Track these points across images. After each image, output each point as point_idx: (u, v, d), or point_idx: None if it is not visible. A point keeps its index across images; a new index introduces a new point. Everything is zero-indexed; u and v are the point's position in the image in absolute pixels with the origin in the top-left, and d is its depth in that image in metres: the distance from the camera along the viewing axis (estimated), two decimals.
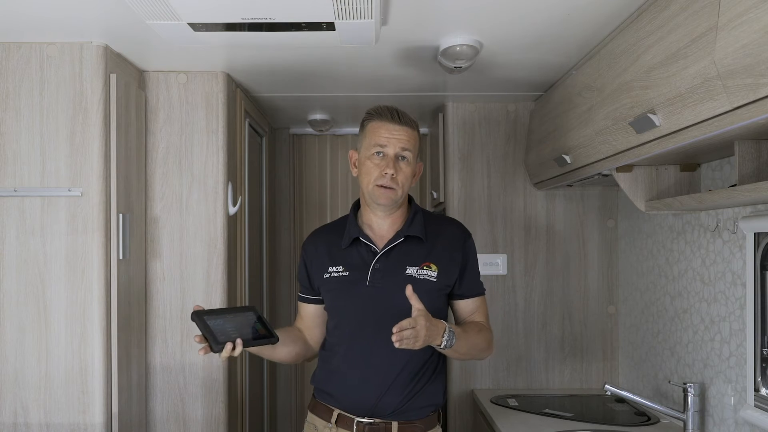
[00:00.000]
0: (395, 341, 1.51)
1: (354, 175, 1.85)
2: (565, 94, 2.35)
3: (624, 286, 2.82)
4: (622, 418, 2.43)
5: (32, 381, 2.07)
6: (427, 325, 1.55)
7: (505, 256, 2.92)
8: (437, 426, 1.82)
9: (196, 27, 1.82)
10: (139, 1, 1.62)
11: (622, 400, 2.59)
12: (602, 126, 1.92)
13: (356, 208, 1.88)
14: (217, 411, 2.43)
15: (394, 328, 1.51)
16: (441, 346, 1.63)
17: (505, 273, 2.91)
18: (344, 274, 1.79)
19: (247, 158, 2.87)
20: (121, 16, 1.83)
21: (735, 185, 1.52)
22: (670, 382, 2.26)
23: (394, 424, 1.74)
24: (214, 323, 1.61)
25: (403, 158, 1.76)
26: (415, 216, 1.83)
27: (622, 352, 2.85)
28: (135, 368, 2.30)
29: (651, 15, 1.62)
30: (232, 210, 2.51)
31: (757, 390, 1.75)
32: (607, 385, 2.17)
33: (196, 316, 1.60)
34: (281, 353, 1.82)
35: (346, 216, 1.88)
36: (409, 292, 1.58)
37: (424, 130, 3.57)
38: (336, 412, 1.78)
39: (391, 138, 1.74)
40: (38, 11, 1.83)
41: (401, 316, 1.55)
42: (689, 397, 2.04)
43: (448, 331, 1.62)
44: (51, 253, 2.07)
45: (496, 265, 2.91)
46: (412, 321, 1.53)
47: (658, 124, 1.58)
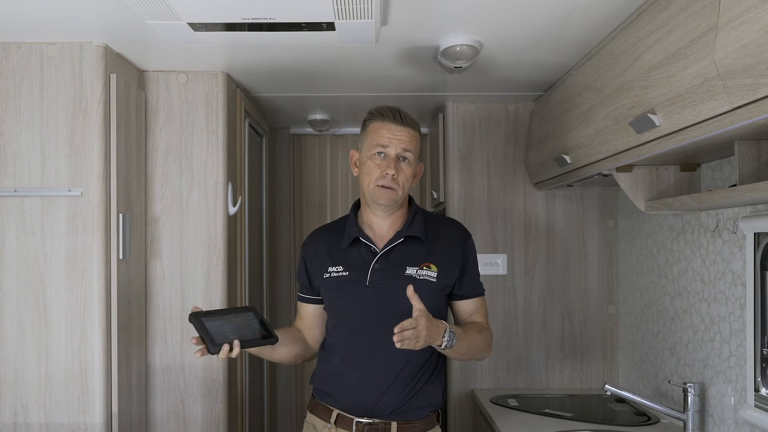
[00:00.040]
0: (396, 341, 1.51)
1: (355, 175, 1.85)
2: (565, 94, 2.35)
3: (624, 286, 2.82)
4: (622, 418, 2.43)
5: (32, 381, 2.07)
6: (428, 326, 1.55)
7: (505, 256, 2.92)
8: (436, 426, 1.82)
9: (196, 27, 1.82)
10: (139, 1, 1.62)
11: (622, 400, 2.59)
12: (602, 126, 1.92)
13: (356, 208, 1.88)
14: (217, 411, 2.43)
15: (396, 329, 1.50)
16: (441, 347, 1.63)
17: (505, 273, 2.91)
18: (344, 274, 1.79)
19: (247, 158, 2.87)
20: (121, 16, 1.83)
21: (735, 185, 1.52)
22: (670, 382, 2.26)
23: (394, 425, 1.74)
24: (212, 324, 1.61)
25: (404, 159, 1.76)
26: (415, 216, 1.82)
27: (622, 352, 2.85)
28: (135, 368, 2.30)
29: (651, 15, 1.62)
30: (232, 210, 2.51)
31: (757, 390, 1.75)
32: (607, 385, 2.17)
33: (194, 318, 1.60)
34: (281, 354, 1.82)
35: (346, 216, 1.88)
36: (410, 292, 1.58)
37: (424, 130, 3.57)
38: (335, 413, 1.78)
39: (392, 138, 1.74)
40: (38, 11, 1.83)
41: (401, 317, 1.55)
42: (689, 397, 2.04)
43: (449, 331, 1.62)
44: (51, 253, 2.07)
45: (496, 265, 2.91)
46: (414, 321, 1.53)
47: (658, 124, 1.58)
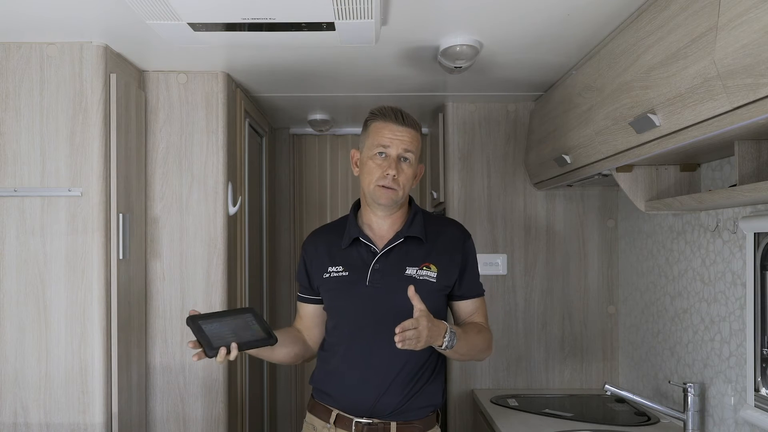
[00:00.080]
0: (397, 341, 1.50)
1: (355, 175, 1.85)
2: (565, 94, 2.35)
3: (624, 286, 2.82)
4: (622, 418, 2.43)
5: (32, 381, 2.07)
6: (429, 326, 1.55)
7: (505, 256, 2.92)
8: (436, 426, 1.82)
9: (196, 27, 1.82)
10: (139, 1, 1.62)
11: (622, 400, 2.59)
12: (602, 126, 1.92)
13: (356, 208, 1.88)
14: (217, 411, 2.43)
15: (397, 329, 1.50)
16: (442, 347, 1.63)
17: (505, 273, 2.91)
18: (344, 274, 1.79)
19: (247, 158, 2.87)
20: (121, 16, 1.83)
21: (735, 185, 1.52)
22: (670, 382, 2.26)
23: (393, 425, 1.74)
24: (210, 327, 1.59)
25: (405, 159, 1.76)
26: (415, 217, 1.82)
27: (622, 352, 2.85)
28: (135, 368, 2.30)
29: (651, 15, 1.62)
30: (232, 210, 2.51)
31: (757, 390, 1.75)
32: (607, 385, 2.17)
33: (191, 321, 1.59)
34: (280, 354, 1.81)
35: (346, 216, 1.88)
36: (411, 292, 1.58)
37: (425, 130, 3.57)
38: (335, 413, 1.78)
39: (394, 139, 1.74)
40: (38, 11, 1.83)
41: (401, 317, 1.55)
42: (689, 397, 2.04)
43: (450, 331, 1.62)
44: (51, 253, 2.07)
45: (496, 265, 2.91)
46: (415, 321, 1.53)
47: (658, 124, 1.58)
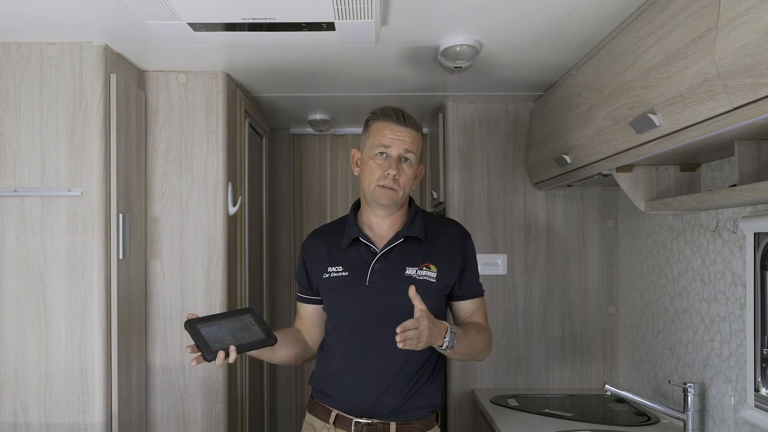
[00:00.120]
0: (398, 341, 1.50)
1: (356, 174, 1.85)
2: (565, 94, 2.35)
3: (624, 286, 2.82)
4: (622, 418, 2.43)
5: (32, 381, 2.07)
6: (430, 326, 1.55)
7: (505, 256, 2.92)
8: (435, 426, 1.82)
9: (196, 27, 1.82)
10: (139, 1, 1.62)
11: (622, 400, 2.59)
12: (602, 126, 1.92)
13: (356, 208, 1.88)
14: (217, 411, 2.43)
15: (398, 329, 1.50)
16: (443, 347, 1.63)
17: (505, 273, 2.91)
18: (344, 274, 1.78)
19: (247, 158, 2.87)
20: (121, 16, 1.83)
21: (735, 185, 1.52)
22: (670, 382, 2.26)
23: (392, 425, 1.74)
24: (208, 331, 1.59)
25: (406, 160, 1.76)
26: (415, 217, 1.82)
27: (622, 352, 2.85)
28: (135, 368, 2.30)
29: (651, 15, 1.62)
30: (232, 210, 2.51)
31: (757, 390, 1.75)
32: (607, 385, 2.16)
33: (189, 325, 1.58)
34: (280, 355, 1.81)
35: (346, 216, 1.88)
36: (412, 292, 1.58)
37: (425, 130, 3.57)
38: (334, 413, 1.77)
39: (395, 139, 1.74)
40: (38, 11, 1.83)
41: (400, 317, 1.55)
42: (689, 397, 2.04)
43: (450, 332, 1.62)
44: (51, 253, 2.07)
45: (496, 265, 2.91)
46: (416, 321, 1.53)
47: (658, 124, 1.58)
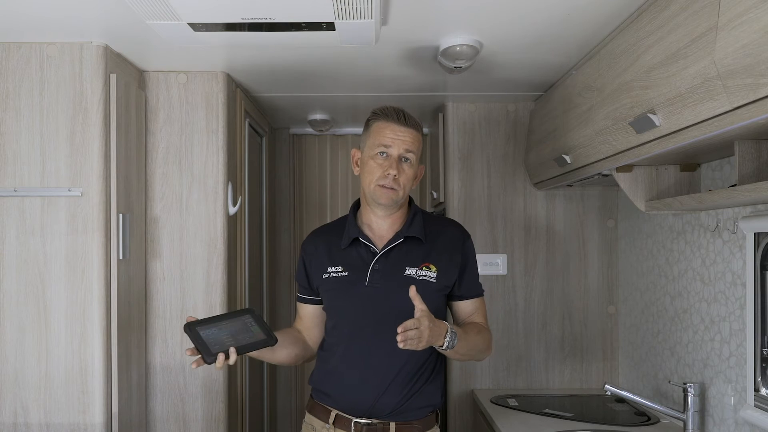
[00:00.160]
0: (399, 341, 1.50)
1: (356, 174, 1.85)
2: (565, 94, 2.35)
3: (624, 286, 2.82)
4: (622, 418, 2.43)
5: (32, 381, 2.07)
6: (431, 326, 1.55)
7: (505, 256, 2.92)
8: (435, 426, 1.82)
9: (196, 27, 1.82)
10: (139, 1, 1.62)
11: (622, 400, 2.59)
12: (602, 126, 1.92)
13: (355, 208, 1.88)
14: (217, 411, 2.43)
15: (399, 328, 1.50)
16: (443, 347, 1.63)
17: (505, 273, 2.91)
18: (343, 274, 1.78)
19: (247, 158, 2.87)
20: (121, 16, 1.83)
21: (735, 185, 1.52)
22: (670, 382, 2.26)
23: (392, 425, 1.74)
24: (207, 333, 1.59)
25: (406, 160, 1.75)
26: (414, 217, 1.82)
27: (622, 352, 2.85)
28: (135, 368, 2.30)
29: (651, 15, 1.62)
30: (232, 210, 2.51)
31: (757, 390, 1.75)
32: (607, 385, 2.17)
33: (188, 328, 1.58)
34: (281, 355, 1.81)
35: (346, 216, 1.87)
36: (413, 293, 1.58)
37: (425, 130, 3.57)
38: (334, 413, 1.77)
39: (395, 139, 1.74)
40: (38, 11, 1.83)
41: (400, 317, 1.55)
42: (689, 397, 2.04)
43: (450, 332, 1.62)
44: (51, 253, 2.07)
45: (496, 265, 2.91)
46: (416, 321, 1.53)
47: (658, 124, 1.58)
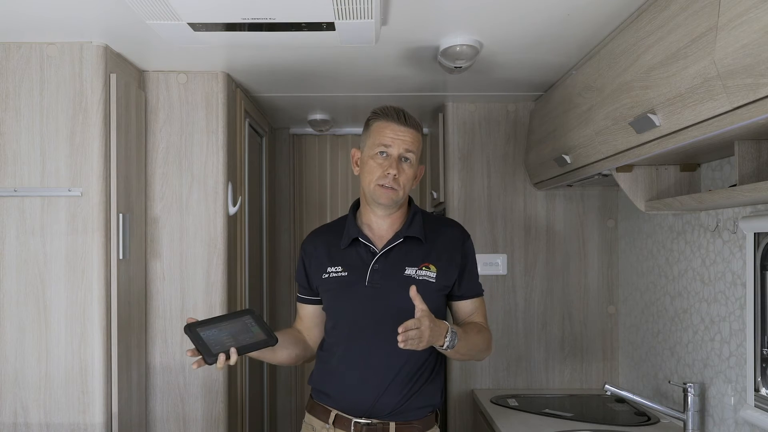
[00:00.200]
0: (400, 341, 1.50)
1: (356, 174, 1.85)
2: (565, 94, 2.35)
3: (624, 286, 2.82)
4: (622, 418, 2.43)
5: (32, 381, 2.07)
6: (431, 326, 1.55)
7: (505, 256, 2.92)
8: (435, 426, 1.82)
9: (196, 27, 1.82)
10: (139, 1, 1.62)
11: (622, 400, 2.59)
12: (602, 126, 1.92)
13: (355, 208, 1.88)
14: (217, 411, 2.43)
15: (400, 328, 1.50)
16: (443, 347, 1.63)
17: (505, 273, 2.91)
18: (343, 274, 1.78)
19: (247, 158, 2.87)
20: (121, 16, 1.83)
21: (735, 185, 1.52)
22: (670, 382, 2.26)
23: (392, 425, 1.74)
24: (208, 334, 1.59)
25: (406, 159, 1.75)
26: (414, 217, 1.82)
27: (622, 352, 2.85)
28: (135, 368, 2.30)
29: (651, 15, 1.62)
30: (232, 210, 2.51)
31: (757, 390, 1.75)
32: (607, 385, 2.17)
33: (188, 329, 1.59)
34: (281, 356, 1.81)
35: (345, 216, 1.87)
36: (413, 292, 1.58)
37: (425, 130, 3.57)
38: (333, 413, 1.77)
39: (395, 139, 1.74)
40: (38, 11, 1.83)
41: (400, 317, 1.55)
42: (689, 397, 2.04)
43: (451, 331, 1.62)
44: (51, 253, 2.07)
45: (496, 265, 2.91)
46: (417, 321, 1.53)
47: (658, 124, 1.58)
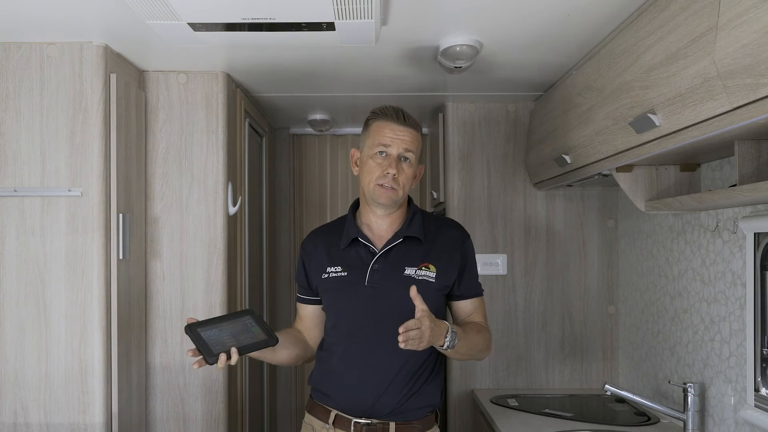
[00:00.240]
0: (401, 341, 1.50)
1: (355, 174, 1.85)
2: (565, 94, 2.35)
3: (624, 286, 2.82)
4: (622, 418, 2.43)
5: (32, 381, 2.07)
6: (432, 326, 1.55)
7: (505, 256, 2.92)
8: (435, 426, 1.82)
9: (196, 27, 1.82)
10: (139, 1, 1.62)
11: (622, 400, 2.59)
12: (602, 126, 1.92)
13: (354, 208, 1.88)
14: (217, 411, 2.43)
15: (400, 329, 1.50)
16: (444, 347, 1.63)
17: (505, 273, 2.91)
18: (343, 274, 1.78)
19: (247, 158, 2.87)
20: (121, 16, 1.83)
21: (735, 185, 1.52)
22: (670, 382, 2.26)
23: (392, 425, 1.74)
24: (208, 334, 1.59)
25: (406, 159, 1.75)
26: (414, 217, 1.82)
27: (622, 352, 2.85)
28: (135, 368, 2.30)
29: (651, 15, 1.62)
30: (232, 210, 2.51)
31: (757, 390, 1.75)
32: (607, 385, 2.17)
33: (189, 329, 1.59)
34: (282, 356, 1.81)
35: (345, 216, 1.87)
36: (414, 293, 1.57)
37: (425, 130, 3.57)
38: (333, 413, 1.77)
39: (395, 138, 1.74)
40: (38, 11, 1.83)
41: (400, 317, 1.55)
42: (689, 397, 2.04)
43: (451, 331, 1.62)
44: (51, 253, 2.07)
45: (496, 265, 2.91)
46: (417, 322, 1.53)
47: (658, 124, 1.58)
